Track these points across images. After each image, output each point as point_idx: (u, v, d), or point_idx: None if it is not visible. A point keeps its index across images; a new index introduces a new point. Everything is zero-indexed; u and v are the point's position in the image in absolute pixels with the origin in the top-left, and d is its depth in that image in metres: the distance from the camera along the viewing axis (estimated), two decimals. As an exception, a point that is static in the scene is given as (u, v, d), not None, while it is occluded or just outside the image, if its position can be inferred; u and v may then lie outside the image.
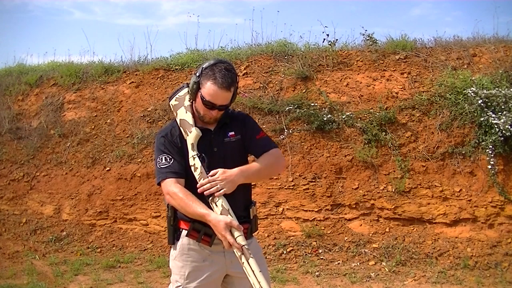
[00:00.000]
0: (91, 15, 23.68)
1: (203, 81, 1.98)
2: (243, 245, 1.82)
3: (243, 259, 1.81)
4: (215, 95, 1.96)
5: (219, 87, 1.95)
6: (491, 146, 4.93)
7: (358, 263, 4.79)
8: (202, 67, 2.01)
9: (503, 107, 4.98)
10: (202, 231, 2.01)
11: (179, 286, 2.08)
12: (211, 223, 1.88)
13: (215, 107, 1.99)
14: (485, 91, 5.07)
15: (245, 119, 2.18)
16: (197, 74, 2.01)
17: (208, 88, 1.96)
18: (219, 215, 1.88)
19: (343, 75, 5.96)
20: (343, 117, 5.50)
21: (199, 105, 2.03)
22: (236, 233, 1.85)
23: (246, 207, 2.13)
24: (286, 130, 5.58)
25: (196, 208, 1.90)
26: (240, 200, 2.07)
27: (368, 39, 6.36)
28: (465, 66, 5.69)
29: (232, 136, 2.10)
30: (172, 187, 1.97)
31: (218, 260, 2.06)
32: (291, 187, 5.38)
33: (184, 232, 2.06)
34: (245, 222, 2.08)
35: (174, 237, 2.10)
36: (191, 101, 2.08)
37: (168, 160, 2.02)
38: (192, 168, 2.00)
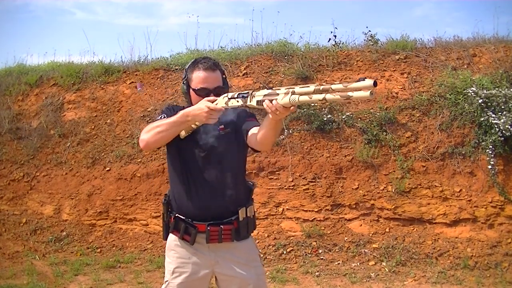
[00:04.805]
0: (93, 15, 23.72)
1: (189, 76, 2.05)
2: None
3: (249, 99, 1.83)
4: (204, 79, 2.01)
5: (204, 70, 2.01)
6: (491, 146, 4.93)
7: (358, 263, 4.78)
8: (185, 69, 2.10)
9: (503, 107, 4.98)
10: (182, 229, 2.03)
11: (166, 281, 2.10)
12: (190, 113, 1.89)
13: (210, 92, 2.00)
14: (485, 91, 5.07)
15: (237, 111, 2.08)
16: (183, 77, 2.09)
17: (196, 77, 2.02)
18: None
19: (343, 75, 5.96)
20: (343, 117, 5.50)
21: (196, 101, 2.01)
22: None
23: (234, 205, 2.05)
24: (286, 130, 5.58)
25: (172, 117, 1.93)
26: (227, 194, 2.03)
27: (369, 39, 6.36)
28: (465, 66, 5.69)
29: (221, 129, 2.06)
30: (152, 123, 1.99)
31: (203, 259, 2.05)
32: (291, 187, 5.37)
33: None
34: (228, 222, 2.03)
35: (167, 233, 2.14)
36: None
37: (163, 118, 2.04)
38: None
